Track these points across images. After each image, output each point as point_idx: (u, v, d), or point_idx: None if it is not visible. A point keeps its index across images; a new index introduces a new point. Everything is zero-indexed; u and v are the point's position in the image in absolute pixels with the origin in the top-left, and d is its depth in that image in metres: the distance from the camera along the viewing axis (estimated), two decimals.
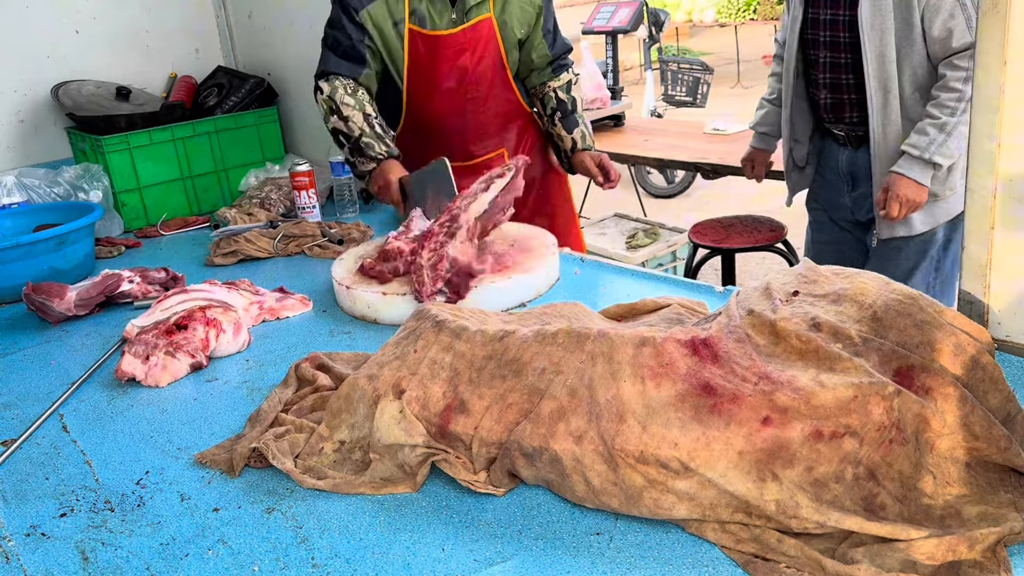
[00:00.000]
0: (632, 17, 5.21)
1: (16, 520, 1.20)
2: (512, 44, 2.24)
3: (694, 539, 1.01)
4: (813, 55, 2.49)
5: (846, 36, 2.36)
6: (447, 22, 2.16)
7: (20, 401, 1.59)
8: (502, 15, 2.19)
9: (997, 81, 1.21)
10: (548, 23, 2.28)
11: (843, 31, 2.37)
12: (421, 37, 2.16)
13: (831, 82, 2.47)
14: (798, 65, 2.54)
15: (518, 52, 2.27)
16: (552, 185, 2.51)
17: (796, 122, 2.63)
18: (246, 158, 3.01)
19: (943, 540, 0.90)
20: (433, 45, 2.18)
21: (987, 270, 1.29)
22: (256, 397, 1.50)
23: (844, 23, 2.36)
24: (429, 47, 2.18)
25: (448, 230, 1.77)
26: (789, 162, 2.73)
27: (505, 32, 2.21)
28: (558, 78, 2.34)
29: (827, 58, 2.44)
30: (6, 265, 2.08)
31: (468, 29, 2.17)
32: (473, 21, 2.17)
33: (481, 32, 2.18)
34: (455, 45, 2.18)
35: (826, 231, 2.80)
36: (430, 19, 2.15)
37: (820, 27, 2.43)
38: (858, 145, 2.51)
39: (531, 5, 2.20)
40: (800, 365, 1.05)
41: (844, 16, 2.35)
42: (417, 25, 2.15)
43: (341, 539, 1.08)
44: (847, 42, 2.37)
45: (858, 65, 2.35)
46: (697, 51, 13.59)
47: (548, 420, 1.08)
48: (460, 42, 2.18)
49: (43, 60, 2.92)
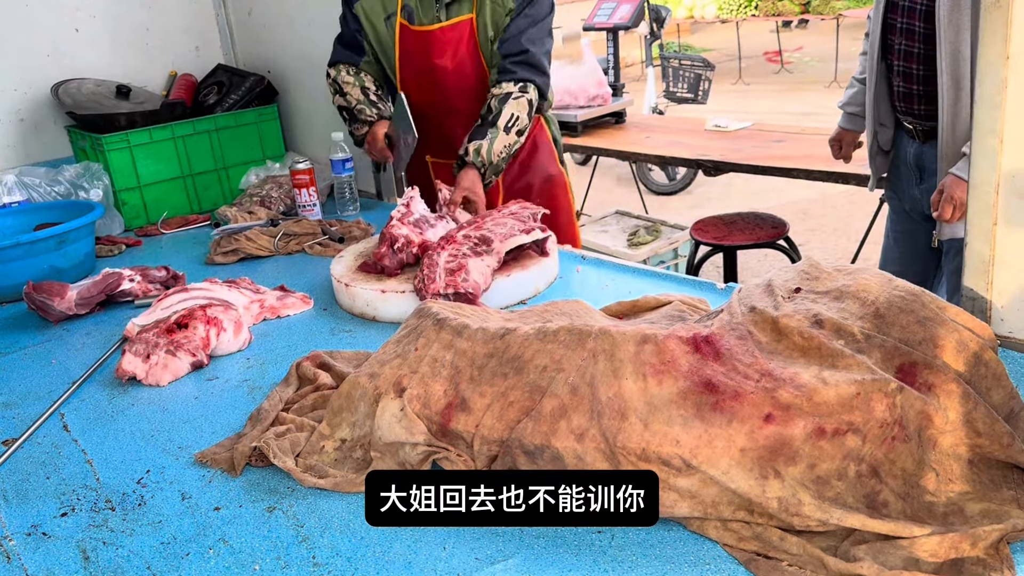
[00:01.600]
0: (633, 13, 5.19)
1: (17, 519, 1.20)
2: (487, 45, 2.24)
3: (696, 537, 1.01)
4: (891, 40, 2.44)
5: (921, 26, 2.32)
6: (431, 18, 2.23)
7: (21, 400, 1.59)
8: (480, 15, 2.21)
9: (1000, 76, 1.20)
10: (513, 29, 2.20)
11: (918, 20, 2.32)
12: (409, 32, 2.25)
13: (903, 70, 2.42)
14: (880, 47, 2.48)
15: (491, 53, 2.26)
16: (551, 192, 2.48)
17: (880, 105, 2.55)
18: (246, 156, 3.01)
19: (946, 537, 0.90)
20: (418, 40, 2.25)
21: (990, 266, 1.29)
22: (257, 396, 1.50)
23: (920, 13, 2.31)
24: (415, 41, 2.25)
25: (475, 247, 1.76)
26: (874, 146, 2.65)
27: (481, 33, 2.23)
28: (499, 86, 2.20)
29: (902, 45, 2.40)
30: (7, 264, 2.08)
31: (448, 28, 2.22)
32: (454, 20, 2.22)
33: (462, 31, 2.23)
34: (437, 41, 2.23)
35: (902, 221, 2.73)
36: (417, 15, 2.23)
37: (899, 12, 2.38)
38: (925, 139, 2.46)
39: (503, 7, 2.20)
40: (802, 362, 1.05)
41: (921, 6, 2.30)
42: (406, 19, 2.24)
43: (342, 538, 1.08)
44: (922, 32, 2.32)
45: (931, 57, 2.30)
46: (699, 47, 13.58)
47: (550, 418, 1.08)
48: (441, 38, 2.23)
49: (43, 59, 2.92)
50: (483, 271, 1.73)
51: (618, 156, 4.26)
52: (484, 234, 1.80)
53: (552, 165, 2.50)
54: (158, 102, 2.93)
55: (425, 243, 1.84)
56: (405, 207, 1.95)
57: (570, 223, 2.57)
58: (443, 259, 1.72)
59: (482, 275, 1.72)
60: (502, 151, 2.15)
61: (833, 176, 3.31)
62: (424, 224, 1.91)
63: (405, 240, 1.83)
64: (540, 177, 2.47)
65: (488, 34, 2.22)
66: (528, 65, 2.21)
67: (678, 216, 5.29)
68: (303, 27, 2.93)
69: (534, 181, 2.45)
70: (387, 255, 1.83)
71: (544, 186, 2.47)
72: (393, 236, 1.84)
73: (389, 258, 1.82)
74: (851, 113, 2.81)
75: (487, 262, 1.75)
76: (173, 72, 3.20)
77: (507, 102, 2.16)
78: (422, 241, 1.85)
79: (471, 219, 1.90)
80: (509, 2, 2.19)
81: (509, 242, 1.80)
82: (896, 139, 2.61)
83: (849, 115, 2.83)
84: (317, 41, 2.88)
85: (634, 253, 4.24)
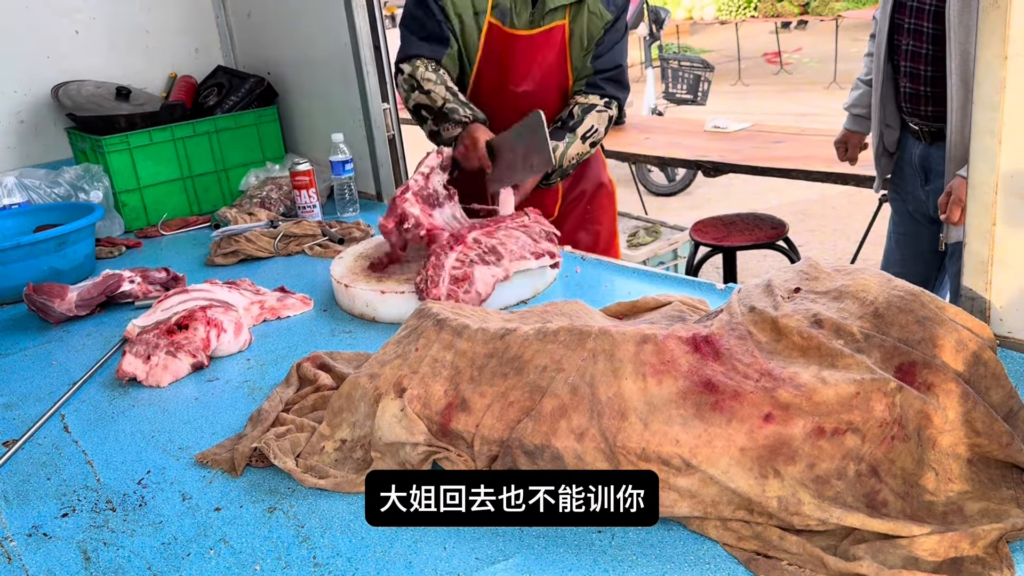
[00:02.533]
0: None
1: (18, 520, 1.20)
2: (578, 54, 2.21)
3: (696, 536, 1.01)
4: (898, 40, 2.42)
5: (929, 26, 2.30)
6: (525, 22, 2.16)
7: (21, 401, 1.59)
8: (574, 24, 2.16)
9: (998, 77, 1.21)
10: (608, 43, 2.19)
11: (927, 21, 2.30)
12: (499, 32, 2.16)
13: (910, 71, 2.40)
14: (887, 48, 2.46)
15: (582, 64, 2.23)
16: (600, 201, 2.47)
17: (886, 106, 2.53)
18: (246, 157, 3.01)
19: (945, 536, 0.90)
20: (508, 42, 2.17)
21: (989, 266, 1.29)
22: (257, 397, 1.50)
23: (929, 13, 2.29)
24: (505, 43, 2.17)
25: (484, 256, 1.74)
26: (879, 147, 2.63)
27: (573, 41, 2.18)
28: (587, 96, 2.21)
29: (909, 46, 2.37)
30: (7, 266, 2.08)
31: (543, 32, 2.16)
32: (549, 26, 2.16)
33: (555, 37, 2.17)
34: (529, 46, 2.17)
35: (905, 222, 2.70)
36: (510, 16, 2.15)
37: (906, 13, 2.36)
38: (931, 141, 2.44)
39: (600, 19, 2.16)
40: (802, 362, 1.05)
41: (930, 6, 2.28)
42: (498, 19, 2.15)
43: (343, 538, 1.08)
44: (930, 33, 2.30)
45: (939, 58, 2.27)
46: (698, 48, 13.59)
47: (550, 418, 1.08)
48: (534, 44, 2.17)
49: (43, 60, 2.92)
50: (487, 281, 1.71)
51: (617, 157, 4.27)
52: (495, 245, 1.77)
53: (603, 174, 2.49)
54: (158, 104, 2.93)
55: (433, 230, 1.80)
56: (424, 178, 1.87)
57: (612, 234, 2.55)
58: (450, 262, 1.70)
59: (486, 285, 1.71)
60: (574, 157, 2.16)
61: (832, 177, 3.32)
62: (434, 201, 1.87)
63: (415, 221, 1.79)
64: (593, 184, 2.45)
65: (582, 43, 2.18)
66: (617, 82, 2.22)
67: (678, 217, 5.29)
68: (302, 29, 2.94)
69: (587, 188, 2.43)
70: (394, 232, 1.80)
71: (596, 194, 2.46)
72: (404, 212, 1.80)
73: (396, 235, 1.79)
74: (857, 115, 2.80)
75: (493, 272, 1.72)
76: (173, 74, 3.21)
77: (590, 112, 2.17)
78: (430, 226, 1.81)
79: (484, 220, 1.87)
80: (607, 14, 2.15)
81: (518, 264, 1.77)
82: (901, 140, 2.59)
83: (855, 117, 2.82)
84: (316, 43, 2.88)
85: (634, 254, 4.23)
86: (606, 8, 2.15)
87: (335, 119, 2.90)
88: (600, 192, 2.47)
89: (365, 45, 2.67)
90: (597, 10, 2.14)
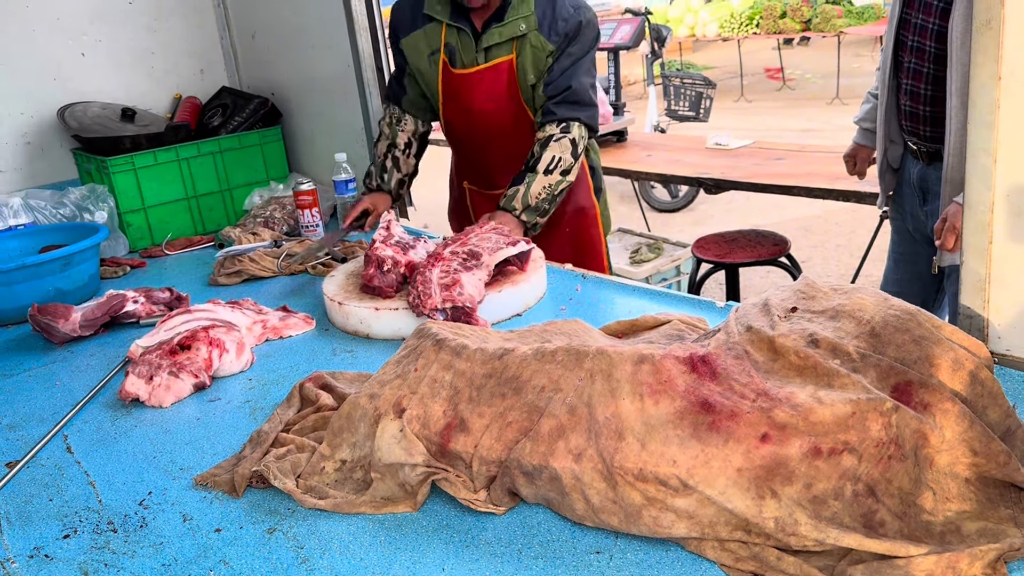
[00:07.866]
0: (633, 34, 5.24)
1: (20, 542, 1.21)
2: (525, 87, 2.24)
3: (694, 557, 1.01)
4: (901, 57, 2.40)
5: (932, 46, 2.28)
6: (471, 60, 2.25)
7: (24, 422, 1.60)
8: (520, 57, 2.21)
9: (992, 96, 1.22)
10: (556, 70, 2.21)
11: (929, 40, 2.28)
12: (450, 73, 2.28)
13: (911, 89, 2.38)
14: (892, 64, 2.44)
15: (532, 95, 2.26)
16: (584, 220, 2.48)
17: (891, 122, 2.51)
18: (250, 177, 3.03)
19: (943, 556, 0.90)
20: (459, 81, 2.27)
21: (986, 284, 1.30)
22: (259, 416, 1.51)
23: (932, 32, 2.27)
24: (455, 80, 2.28)
25: (465, 262, 1.78)
26: (883, 162, 2.60)
27: (520, 75, 2.23)
28: (542, 129, 2.22)
29: (911, 63, 2.36)
30: (12, 286, 2.10)
31: (488, 69, 2.23)
32: (494, 61, 2.22)
33: (500, 73, 2.23)
34: (479, 81, 2.25)
35: (905, 242, 2.68)
36: (459, 54, 2.25)
37: (910, 30, 2.34)
38: (929, 161, 2.42)
39: (542, 50, 2.19)
40: (798, 381, 1.05)
41: (933, 25, 2.26)
42: (448, 57, 2.26)
43: (342, 559, 1.08)
44: (932, 52, 2.28)
45: (939, 78, 2.25)
46: (700, 65, 13.64)
47: (547, 438, 1.09)
48: (482, 79, 2.24)
49: (49, 82, 2.95)
50: (476, 284, 1.75)
51: (620, 174, 4.28)
52: (472, 249, 1.82)
53: (585, 197, 2.47)
54: (163, 125, 2.96)
55: (412, 263, 1.87)
56: (386, 230, 1.97)
57: (598, 256, 2.53)
58: (436, 275, 1.74)
59: (476, 288, 1.74)
60: (541, 192, 2.16)
61: (833, 194, 3.31)
62: (405, 245, 1.94)
63: (392, 261, 1.85)
64: (572, 207, 2.44)
65: (528, 77, 2.21)
66: (570, 103, 2.21)
67: (680, 233, 5.31)
68: (306, 50, 2.97)
69: (565, 210, 2.42)
70: (376, 276, 1.84)
71: (575, 217, 2.46)
72: (379, 258, 1.86)
73: (379, 279, 1.84)
74: (866, 129, 2.77)
75: (479, 276, 1.77)
76: (178, 95, 3.24)
77: (548, 145, 2.18)
78: (408, 261, 1.87)
79: (454, 236, 1.91)
80: (548, 45, 2.18)
81: (498, 255, 1.82)
82: (903, 158, 2.58)
83: (864, 131, 2.79)
84: (320, 63, 2.91)
85: (637, 271, 4.25)
86: (548, 40, 2.18)
87: (338, 139, 2.92)
88: (580, 215, 2.47)
89: (368, 66, 2.70)
90: (539, 43, 2.18)
